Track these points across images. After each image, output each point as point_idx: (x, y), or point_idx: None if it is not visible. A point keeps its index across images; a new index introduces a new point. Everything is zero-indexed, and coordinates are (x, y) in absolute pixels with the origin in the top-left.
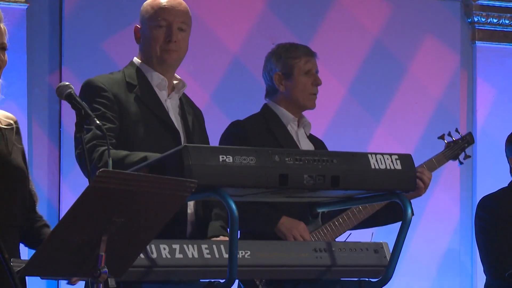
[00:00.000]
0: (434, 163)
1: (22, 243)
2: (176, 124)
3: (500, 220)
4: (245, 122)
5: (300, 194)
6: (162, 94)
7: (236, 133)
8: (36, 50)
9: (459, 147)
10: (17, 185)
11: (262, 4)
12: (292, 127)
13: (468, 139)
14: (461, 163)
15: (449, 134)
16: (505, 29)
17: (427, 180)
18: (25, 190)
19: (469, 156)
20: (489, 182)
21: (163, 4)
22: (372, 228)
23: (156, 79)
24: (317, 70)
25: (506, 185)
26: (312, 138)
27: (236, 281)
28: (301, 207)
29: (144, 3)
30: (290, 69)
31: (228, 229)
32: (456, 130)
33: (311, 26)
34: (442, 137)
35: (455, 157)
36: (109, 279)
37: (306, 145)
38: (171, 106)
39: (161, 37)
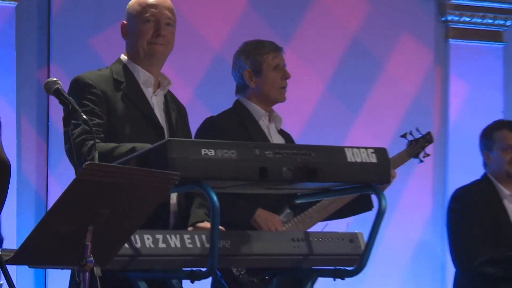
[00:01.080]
0: (398, 160)
1: None
2: (160, 121)
3: (472, 212)
4: (218, 118)
5: (279, 186)
6: (148, 91)
7: (210, 129)
8: (25, 46)
9: (420, 146)
10: None
11: (245, 2)
12: (263, 122)
13: (428, 139)
14: (421, 161)
15: (411, 133)
16: (477, 27)
17: (391, 178)
18: None
19: (429, 155)
20: (461, 175)
21: (150, 0)
22: (346, 219)
23: (142, 76)
24: (284, 64)
25: (478, 177)
26: (282, 132)
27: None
28: (275, 200)
29: (131, 1)
30: (259, 66)
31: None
32: (417, 129)
33: (292, 24)
34: (404, 136)
35: (416, 155)
36: (94, 268)
37: (277, 139)
38: (156, 103)
39: (150, 32)
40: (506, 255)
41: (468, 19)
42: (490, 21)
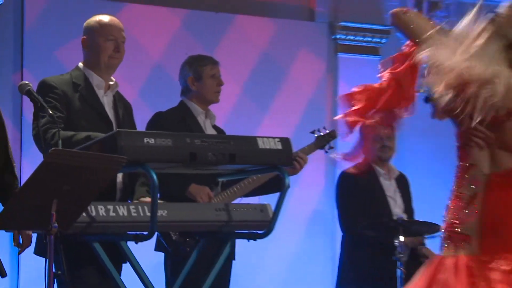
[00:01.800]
0: (307, 150)
1: None
2: (110, 116)
3: (355, 187)
4: (165, 113)
5: (206, 168)
6: (100, 92)
7: (158, 121)
8: (2, 55)
9: (325, 140)
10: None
11: (179, 22)
12: (201, 118)
13: (332, 135)
14: (326, 152)
15: (319, 130)
16: (360, 44)
17: (303, 163)
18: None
19: (333, 147)
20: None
21: (108, 22)
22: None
23: (96, 80)
24: (220, 74)
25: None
26: (215, 127)
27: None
28: (206, 177)
29: (89, 20)
30: (200, 74)
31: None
32: (324, 128)
33: (215, 39)
34: (313, 132)
35: (322, 147)
36: (58, 231)
37: (211, 131)
38: (107, 101)
39: (110, 48)
40: (381, 221)
41: (352, 37)
42: (369, 39)
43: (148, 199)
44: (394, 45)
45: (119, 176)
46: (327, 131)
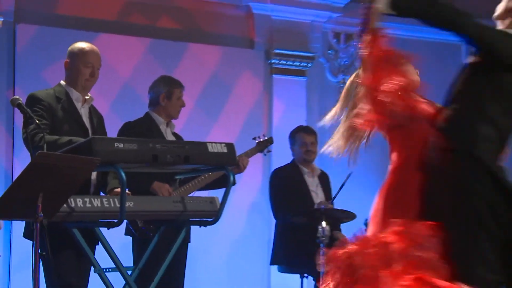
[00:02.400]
0: (250, 153)
1: None
2: (86, 124)
3: (284, 183)
4: (133, 123)
5: (165, 168)
6: (78, 105)
7: (128, 129)
8: None
9: (264, 145)
10: None
11: (144, 49)
12: (163, 127)
13: (270, 141)
14: (265, 154)
15: (259, 137)
16: (290, 67)
17: (246, 164)
18: None
19: (270, 151)
20: (279, 160)
21: (88, 50)
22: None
23: (75, 95)
24: (182, 95)
25: (289, 162)
26: (175, 134)
27: (125, 222)
28: (166, 175)
29: (72, 46)
30: (171, 94)
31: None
32: (263, 135)
33: (174, 63)
34: (255, 138)
35: (261, 151)
36: (43, 219)
37: (171, 138)
38: (84, 112)
39: (87, 73)
40: (306, 210)
41: (284, 62)
42: (297, 63)
43: (119, 190)
44: (318, 68)
45: (93, 174)
46: (266, 138)
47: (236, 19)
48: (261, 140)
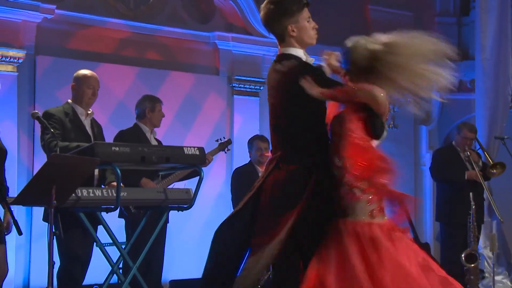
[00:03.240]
0: (213, 152)
1: None
2: (89, 132)
3: (240, 179)
4: (125, 131)
5: (152, 166)
6: (82, 118)
7: (121, 136)
8: (22, 94)
9: (224, 146)
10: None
11: (134, 75)
12: (148, 134)
13: (229, 142)
14: (225, 152)
15: (220, 139)
16: (247, 90)
17: (210, 160)
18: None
19: (229, 149)
20: (240, 161)
21: (90, 75)
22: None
23: (80, 110)
24: (161, 108)
25: (247, 162)
26: (157, 139)
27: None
28: (152, 172)
29: (77, 73)
30: (154, 108)
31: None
32: (224, 137)
33: (157, 86)
34: (217, 140)
35: (222, 149)
36: (56, 205)
37: (154, 143)
38: (87, 124)
39: (90, 94)
40: None
41: (242, 85)
42: (252, 87)
43: (115, 183)
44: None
45: (96, 171)
46: (226, 139)
47: (205, 53)
48: (222, 141)
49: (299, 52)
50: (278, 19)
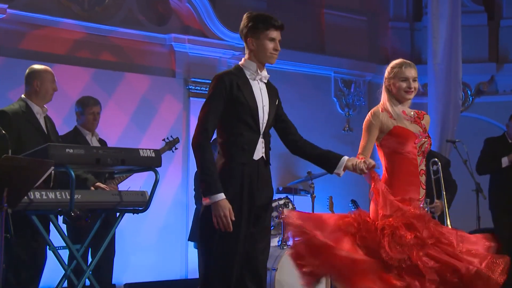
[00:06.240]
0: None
1: None
2: (45, 131)
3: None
4: (63, 136)
5: (107, 168)
6: (38, 116)
7: (68, 135)
8: None
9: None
10: None
11: (89, 76)
12: (88, 137)
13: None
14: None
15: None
16: (203, 92)
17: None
18: None
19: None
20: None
21: (50, 70)
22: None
23: (35, 107)
24: (98, 111)
25: None
26: (100, 140)
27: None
28: (106, 175)
29: (34, 68)
30: (83, 111)
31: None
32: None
33: (112, 87)
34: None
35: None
36: (8, 209)
37: (96, 144)
38: (42, 121)
39: (53, 89)
40: None
41: (198, 88)
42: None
43: (102, 185)
44: None
45: (51, 173)
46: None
47: (161, 55)
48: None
49: (251, 65)
50: (244, 31)
